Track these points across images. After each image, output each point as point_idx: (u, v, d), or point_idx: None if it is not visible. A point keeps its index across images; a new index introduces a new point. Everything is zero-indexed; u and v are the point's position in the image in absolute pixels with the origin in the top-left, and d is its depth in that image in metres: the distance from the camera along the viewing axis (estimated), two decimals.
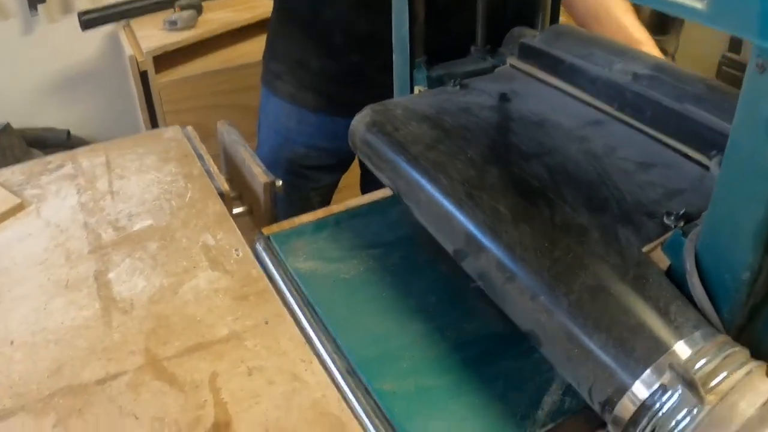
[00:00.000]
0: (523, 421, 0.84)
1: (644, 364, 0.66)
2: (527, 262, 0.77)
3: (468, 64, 1.22)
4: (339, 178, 1.84)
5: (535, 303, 0.75)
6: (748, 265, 0.65)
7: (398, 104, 1.07)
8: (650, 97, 0.97)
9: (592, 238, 0.78)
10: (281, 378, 0.85)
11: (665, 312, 0.69)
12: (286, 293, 1.04)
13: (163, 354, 0.89)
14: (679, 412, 0.63)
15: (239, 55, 2.55)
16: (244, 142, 1.36)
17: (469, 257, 0.86)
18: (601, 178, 0.88)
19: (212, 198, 1.18)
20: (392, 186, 1.02)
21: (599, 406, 0.70)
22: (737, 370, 0.64)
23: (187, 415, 0.81)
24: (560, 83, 1.11)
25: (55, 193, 1.20)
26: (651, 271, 0.73)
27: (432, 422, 0.85)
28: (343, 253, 1.11)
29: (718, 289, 0.69)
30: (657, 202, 0.84)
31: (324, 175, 1.77)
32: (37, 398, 0.83)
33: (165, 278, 1.01)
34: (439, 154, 0.93)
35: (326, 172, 1.77)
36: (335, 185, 1.84)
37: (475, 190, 0.86)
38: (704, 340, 0.66)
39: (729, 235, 0.66)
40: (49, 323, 0.93)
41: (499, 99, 1.09)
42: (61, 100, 2.96)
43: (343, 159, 1.77)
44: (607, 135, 0.98)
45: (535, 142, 0.96)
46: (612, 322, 0.69)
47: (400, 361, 0.92)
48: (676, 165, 0.92)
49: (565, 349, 0.72)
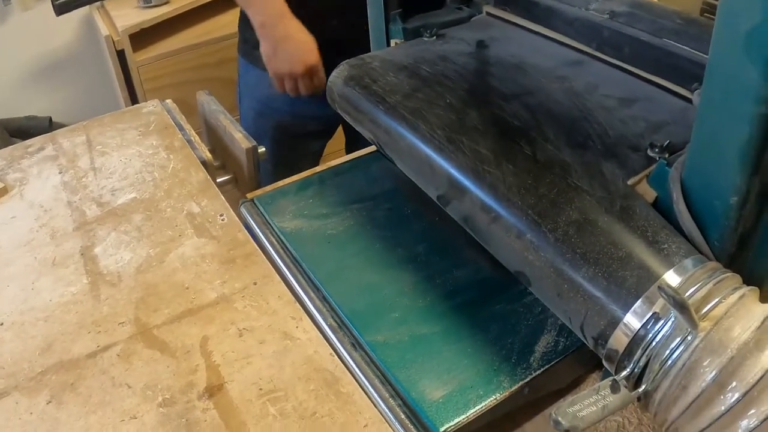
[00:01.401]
0: (518, 364, 0.84)
1: (635, 294, 0.65)
2: (511, 201, 0.76)
3: (444, 15, 1.21)
4: (325, 143, 1.82)
5: (521, 241, 0.74)
6: (736, 189, 0.64)
7: (375, 57, 1.06)
8: (628, 34, 0.96)
9: (577, 173, 0.77)
10: (272, 337, 0.85)
11: (654, 242, 0.68)
12: (273, 253, 1.04)
13: (153, 322, 0.88)
14: (673, 341, 0.62)
15: (216, 27, 2.52)
16: (224, 110, 1.35)
17: (453, 201, 0.85)
18: (583, 115, 0.87)
19: (195, 167, 1.16)
20: (373, 138, 1.01)
21: (593, 341, 0.70)
22: (730, 295, 0.63)
23: (179, 381, 0.80)
24: (538, 27, 1.10)
25: (36, 175, 1.19)
26: (637, 203, 0.72)
27: (426, 370, 0.84)
28: (328, 210, 1.11)
29: (707, 217, 0.69)
30: (640, 135, 0.83)
31: (311, 141, 1.76)
32: (29, 376, 0.83)
33: (151, 248, 1.00)
34: (418, 101, 0.92)
35: (313, 138, 1.76)
36: (322, 151, 1.83)
37: (456, 134, 0.85)
38: (695, 267, 0.65)
39: (714, 160, 0.66)
40: (38, 302, 0.93)
41: (477, 46, 1.07)
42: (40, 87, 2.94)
43: (329, 124, 1.76)
44: (587, 74, 0.97)
45: (515, 84, 0.95)
46: (600, 254, 0.69)
47: (392, 312, 0.92)
48: (658, 99, 0.91)
49: (554, 285, 0.72)
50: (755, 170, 0.63)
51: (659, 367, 0.63)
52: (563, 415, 0.61)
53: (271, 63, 1.47)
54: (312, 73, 1.46)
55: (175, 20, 2.50)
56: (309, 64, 1.44)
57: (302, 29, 1.44)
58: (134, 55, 2.39)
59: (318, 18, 1.49)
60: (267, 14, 1.45)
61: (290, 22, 1.44)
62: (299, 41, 1.43)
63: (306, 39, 1.44)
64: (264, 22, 1.45)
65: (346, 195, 1.13)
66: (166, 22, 2.47)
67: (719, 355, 0.60)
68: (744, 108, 0.60)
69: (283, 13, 1.44)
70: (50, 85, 2.96)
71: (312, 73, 1.46)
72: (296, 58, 1.43)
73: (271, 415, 0.76)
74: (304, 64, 1.44)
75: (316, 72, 1.46)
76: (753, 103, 0.59)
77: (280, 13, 1.44)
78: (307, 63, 1.43)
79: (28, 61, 2.89)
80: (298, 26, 1.44)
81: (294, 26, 1.44)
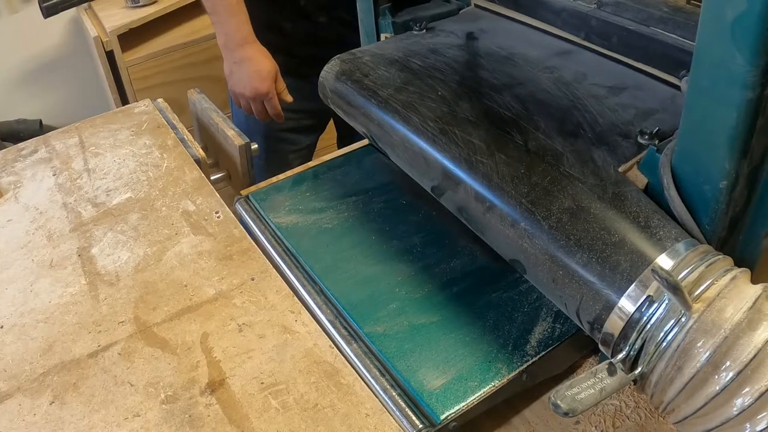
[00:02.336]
0: (515, 351, 0.85)
1: (629, 279, 0.66)
2: (504, 191, 0.77)
3: (433, 8, 1.21)
4: (317, 138, 1.83)
5: (516, 230, 0.75)
6: (726, 173, 0.65)
7: (366, 52, 1.06)
8: (616, 23, 0.97)
9: (568, 161, 0.78)
10: (272, 331, 0.85)
11: (646, 227, 0.69)
12: (270, 248, 1.04)
13: (153, 320, 0.89)
14: (667, 323, 0.63)
15: (204, 26, 2.51)
16: (216, 108, 1.35)
17: (447, 192, 0.86)
18: (573, 104, 0.88)
19: (188, 165, 1.17)
20: (366, 132, 1.02)
21: (588, 326, 0.71)
22: (722, 276, 0.64)
23: (181, 377, 0.81)
24: (526, 18, 1.11)
25: (31, 178, 1.19)
26: (629, 189, 0.73)
27: (425, 359, 0.85)
28: (324, 204, 1.11)
29: (698, 202, 0.69)
30: (630, 123, 0.84)
31: (303, 136, 1.76)
32: (31, 378, 0.83)
33: (148, 247, 1.00)
34: (410, 94, 0.93)
35: (305, 133, 1.76)
36: (314, 146, 1.83)
37: (448, 126, 0.86)
38: (687, 251, 0.66)
39: (703, 145, 0.66)
40: (37, 303, 0.93)
41: (467, 38, 1.08)
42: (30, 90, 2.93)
43: (320, 118, 1.76)
44: (576, 63, 0.98)
45: (505, 75, 0.96)
46: (593, 240, 0.70)
47: (389, 303, 0.93)
48: (647, 87, 0.92)
49: (549, 272, 0.73)
50: (744, 155, 0.64)
51: (654, 349, 0.64)
52: (562, 399, 0.62)
53: (229, 82, 1.51)
54: (263, 100, 1.48)
55: (163, 19, 2.49)
56: (259, 92, 1.46)
57: (263, 56, 1.47)
58: (123, 56, 2.38)
59: (305, 14, 1.50)
60: (229, 38, 1.47)
61: (251, 48, 1.47)
62: (254, 69, 1.46)
63: (262, 68, 1.46)
64: (226, 43, 1.47)
65: (340, 189, 1.14)
66: (155, 22, 2.46)
67: (713, 335, 0.61)
68: (731, 94, 0.61)
69: (245, 39, 1.46)
70: (40, 87, 2.95)
71: (263, 99, 1.48)
72: (248, 84, 1.46)
73: (273, 408, 0.77)
74: (254, 91, 1.46)
75: (268, 100, 1.48)
76: (740, 88, 0.60)
77: (242, 39, 1.46)
78: (257, 91, 1.46)
79: (17, 64, 2.88)
80: (259, 53, 1.47)
81: (253, 53, 1.46)
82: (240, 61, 1.46)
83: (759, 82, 0.59)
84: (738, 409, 0.60)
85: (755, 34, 0.57)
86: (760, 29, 0.56)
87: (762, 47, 0.57)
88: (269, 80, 1.46)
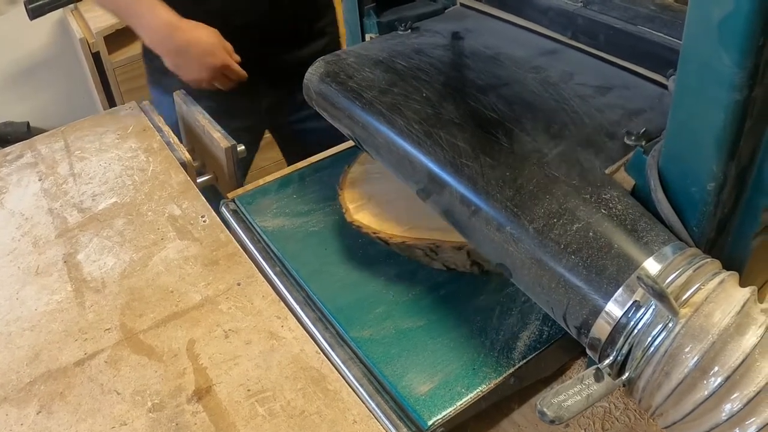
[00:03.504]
0: (503, 355, 0.85)
1: (616, 283, 0.66)
2: (490, 194, 0.77)
3: (418, 7, 1.20)
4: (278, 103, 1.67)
5: (501, 233, 0.75)
6: (713, 175, 0.65)
7: (350, 53, 1.06)
8: (603, 22, 0.97)
9: (554, 163, 0.77)
10: (258, 337, 0.85)
11: (633, 230, 0.69)
12: (256, 253, 1.04)
13: (139, 327, 0.88)
14: (654, 328, 0.63)
15: None
16: (201, 109, 1.34)
17: (433, 195, 0.85)
18: (559, 104, 0.87)
19: (174, 168, 1.16)
20: (351, 134, 1.01)
21: (575, 331, 0.70)
22: (710, 280, 0.64)
23: (168, 385, 0.80)
24: (512, 17, 1.10)
25: (16, 183, 1.18)
26: (616, 192, 0.73)
27: (412, 364, 0.85)
28: (310, 207, 1.11)
29: (685, 204, 0.69)
30: (617, 123, 0.84)
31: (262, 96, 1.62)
32: (17, 387, 0.83)
33: (134, 253, 1.00)
34: (394, 96, 0.92)
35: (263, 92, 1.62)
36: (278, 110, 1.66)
37: (433, 128, 0.85)
38: (674, 254, 0.66)
39: (691, 146, 0.66)
40: (23, 311, 0.92)
41: (452, 38, 1.08)
42: (16, 93, 2.92)
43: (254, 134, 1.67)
44: (562, 63, 0.97)
45: (490, 76, 0.95)
46: (580, 244, 0.69)
47: (376, 307, 0.92)
48: (634, 86, 0.91)
49: (536, 276, 0.72)
50: (731, 156, 0.64)
51: (642, 354, 0.63)
52: (548, 406, 0.61)
53: (181, 74, 1.39)
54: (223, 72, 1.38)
55: None
56: (215, 66, 1.36)
57: (198, 31, 1.35)
58: (110, 57, 2.38)
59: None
60: (155, 29, 1.36)
61: (183, 30, 1.35)
62: (200, 50, 1.35)
63: (204, 41, 1.35)
64: (153, 38, 1.37)
65: (327, 191, 1.14)
66: None
67: (701, 340, 0.60)
68: (719, 95, 0.60)
69: (170, 22, 1.34)
70: (26, 89, 2.94)
71: (223, 71, 1.37)
72: (201, 66, 1.36)
73: (260, 415, 0.76)
74: (209, 68, 1.36)
75: (227, 69, 1.37)
76: (728, 90, 0.59)
77: (167, 23, 1.34)
78: (212, 67, 1.36)
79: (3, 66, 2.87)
80: (194, 30, 1.35)
81: (188, 34, 1.34)
82: (180, 50, 1.35)
83: (746, 84, 0.58)
84: (727, 414, 0.60)
85: (742, 35, 0.56)
86: (747, 30, 0.56)
87: (749, 49, 0.56)
88: (219, 50, 1.36)
